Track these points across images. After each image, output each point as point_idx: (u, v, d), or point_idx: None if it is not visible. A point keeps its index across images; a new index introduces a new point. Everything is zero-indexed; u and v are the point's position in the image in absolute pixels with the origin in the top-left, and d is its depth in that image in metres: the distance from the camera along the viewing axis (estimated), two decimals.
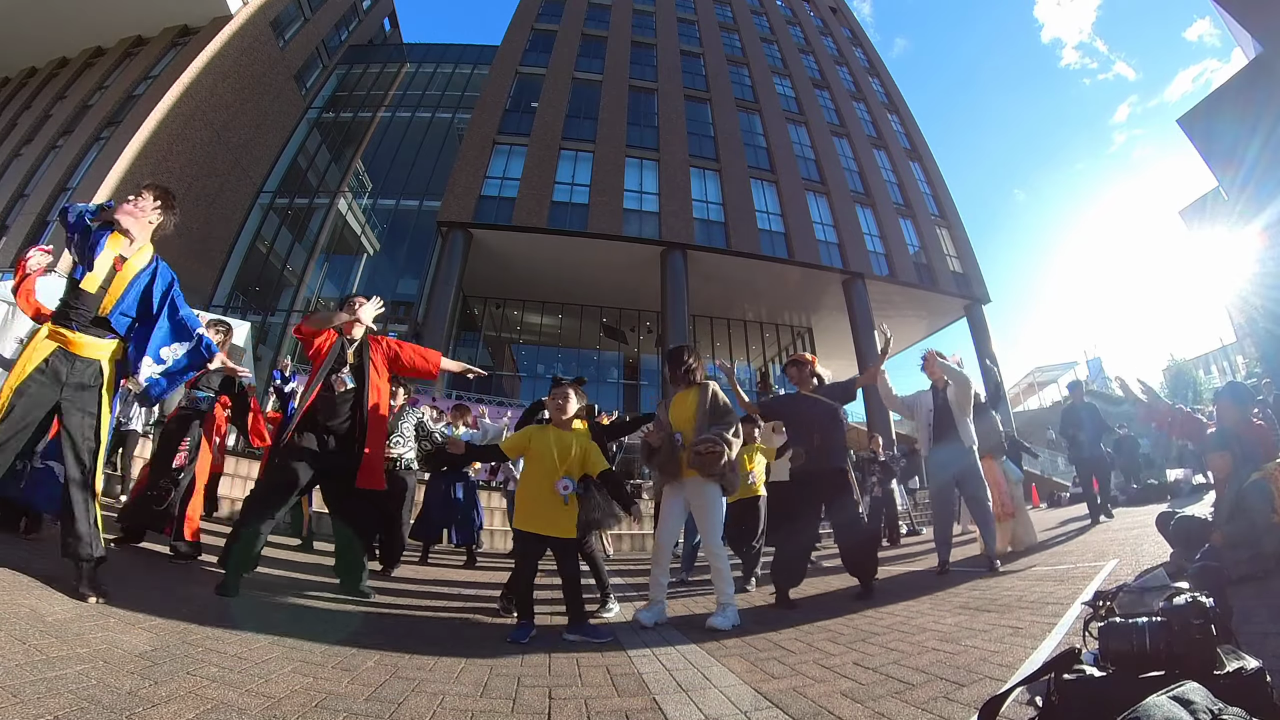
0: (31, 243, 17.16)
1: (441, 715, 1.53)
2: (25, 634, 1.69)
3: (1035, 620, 2.41)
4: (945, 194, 23.59)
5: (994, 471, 4.85)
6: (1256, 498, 2.65)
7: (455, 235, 16.55)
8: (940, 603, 3.04)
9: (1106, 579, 3.07)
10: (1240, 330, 24.36)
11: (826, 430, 3.42)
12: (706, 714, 1.61)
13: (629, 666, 2.11)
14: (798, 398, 3.60)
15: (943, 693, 1.66)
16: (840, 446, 3.48)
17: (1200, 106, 15.75)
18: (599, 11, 23.53)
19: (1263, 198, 13.72)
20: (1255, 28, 13.38)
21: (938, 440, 4.22)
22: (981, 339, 19.97)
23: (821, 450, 3.39)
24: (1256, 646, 1.61)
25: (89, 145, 18.93)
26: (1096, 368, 40.78)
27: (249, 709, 1.42)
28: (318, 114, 24.36)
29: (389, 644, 2.23)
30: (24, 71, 23.24)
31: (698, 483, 2.98)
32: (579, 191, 17.81)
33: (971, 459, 4.13)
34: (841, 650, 2.24)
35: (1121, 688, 1.19)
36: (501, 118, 19.22)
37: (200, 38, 20.26)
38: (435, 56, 26.06)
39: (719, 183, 19.08)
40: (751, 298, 20.66)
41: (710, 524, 2.99)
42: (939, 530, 4.26)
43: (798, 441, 3.53)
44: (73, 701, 1.31)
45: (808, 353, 3.80)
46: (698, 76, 22.12)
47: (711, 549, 2.96)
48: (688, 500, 3.05)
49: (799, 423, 3.57)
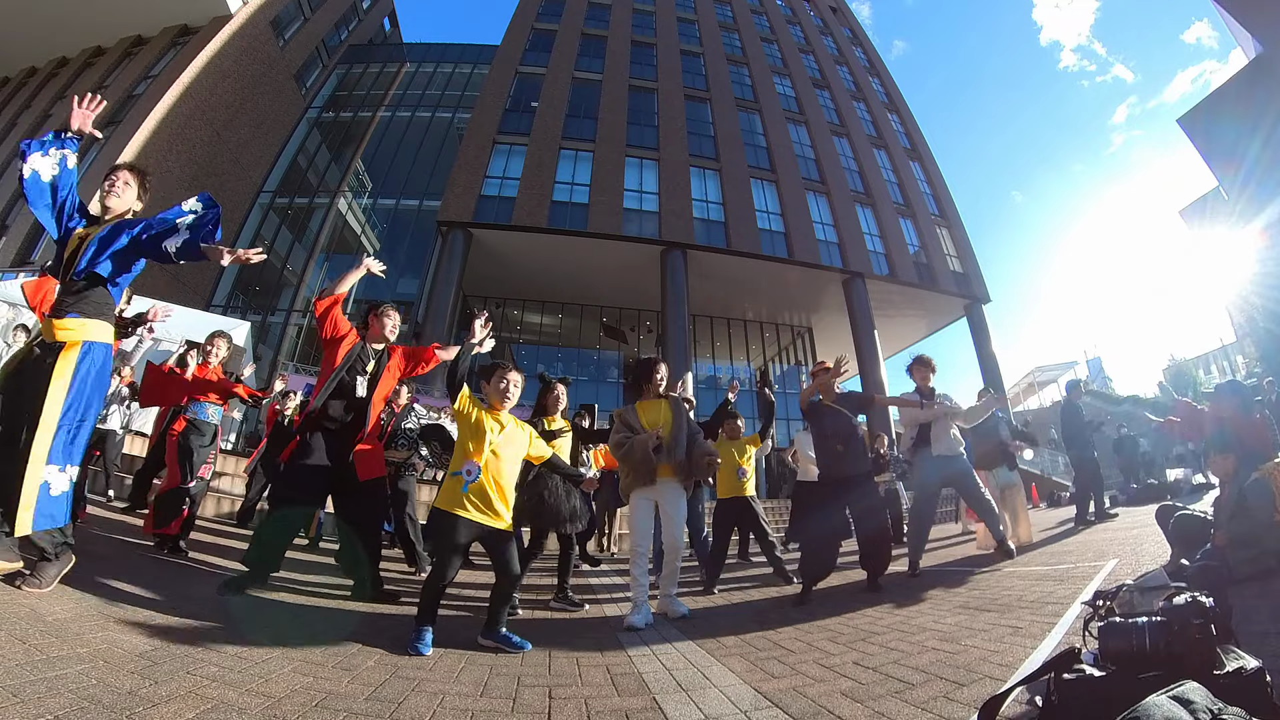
0: (31, 243, 17.19)
1: (441, 715, 1.53)
2: (25, 634, 1.69)
3: (1035, 620, 2.40)
4: (945, 193, 23.58)
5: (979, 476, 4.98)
6: (1258, 496, 2.65)
7: (455, 235, 16.55)
8: (940, 602, 3.04)
9: (1106, 579, 3.06)
10: (1240, 330, 24.36)
11: (847, 439, 3.61)
12: (706, 713, 1.61)
13: (629, 666, 2.11)
14: (821, 407, 3.75)
15: (943, 692, 1.66)
16: (860, 453, 3.67)
17: (1201, 106, 15.75)
18: (599, 11, 23.52)
19: (1263, 197, 13.71)
20: (1256, 27, 13.37)
21: (926, 445, 4.19)
22: (981, 338, 19.97)
23: (844, 457, 3.58)
24: (1256, 646, 1.61)
25: (89, 145, 18.89)
26: (1096, 367, 40.74)
27: (249, 708, 1.42)
28: (318, 113, 24.36)
29: (389, 643, 2.23)
30: (24, 71, 23.22)
31: (671, 485, 3.16)
32: (579, 191, 17.81)
33: (962, 463, 4.18)
34: (841, 650, 2.24)
35: (1121, 687, 1.19)
36: (501, 117, 19.22)
37: (200, 37, 20.24)
38: (435, 56, 26.05)
39: (719, 182, 19.08)
40: (751, 297, 20.66)
41: (680, 524, 3.19)
42: (916, 534, 4.19)
43: (823, 447, 3.71)
44: (73, 701, 1.31)
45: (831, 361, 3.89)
46: (698, 76, 22.11)
47: (676, 548, 3.19)
48: (658, 501, 3.19)
49: (823, 431, 3.73)
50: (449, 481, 2.41)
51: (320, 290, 3.38)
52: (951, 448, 4.14)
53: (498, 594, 2.39)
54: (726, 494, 4.36)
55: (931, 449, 4.12)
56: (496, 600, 2.38)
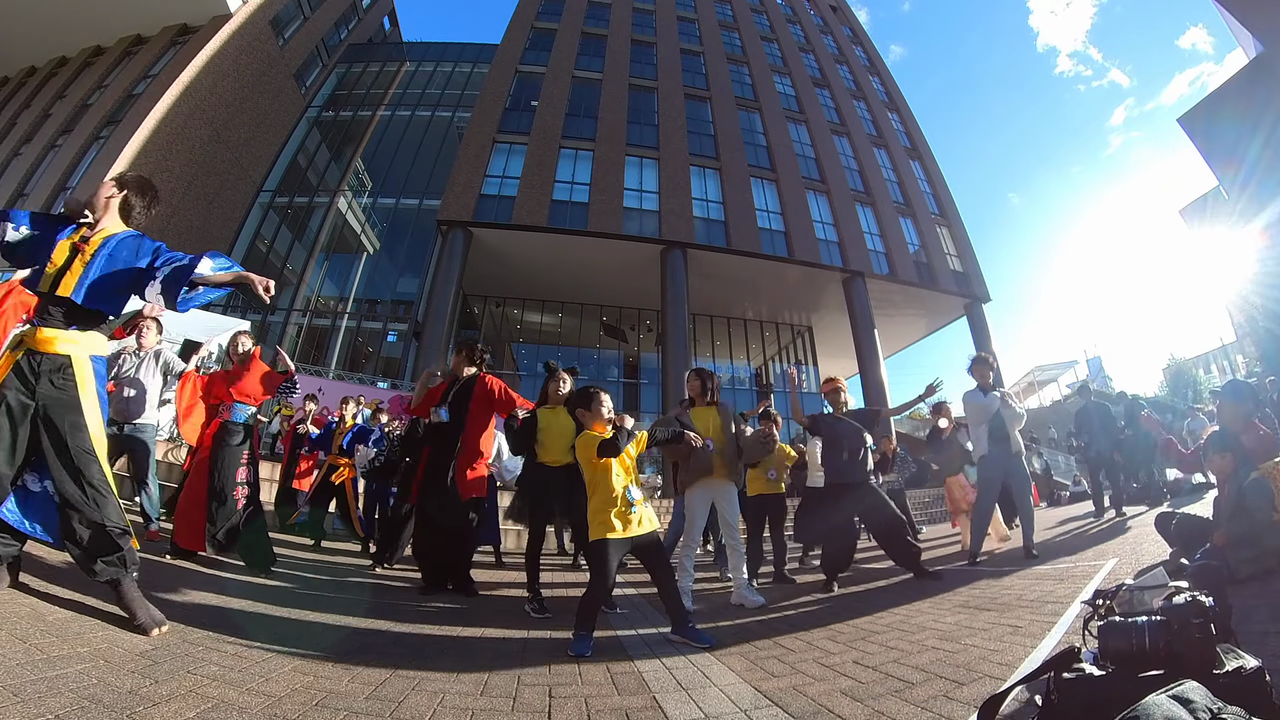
0: None
1: (442, 714, 1.53)
2: (26, 633, 1.69)
3: (1035, 619, 2.41)
4: (945, 192, 23.55)
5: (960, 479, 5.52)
6: (1257, 496, 2.65)
7: (455, 234, 16.54)
8: (940, 601, 3.04)
9: (1106, 578, 3.07)
10: (1240, 329, 24.36)
11: (855, 448, 3.93)
12: (706, 712, 1.61)
13: (629, 665, 2.10)
14: (832, 418, 4.12)
15: (942, 691, 1.66)
16: (864, 461, 3.98)
17: (1201, 106, 15.74)
18: (599, 10, 23.49)
19: (1263, 197, 13.70)
20: (1256, 27, 13.35)
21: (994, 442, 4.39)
22: (981, 338, 19.95)
23: (849, 464, 3.91)
24: (1256, 645, 1.61)
25: (88, 144, 18.90)
26: (1096, 367, 40.71)
27: (249, 708, 1.42)
28: (317, 113, 24.33)
29: (389, 642, 2.23)
30: (23, 71, 23.20)
31: (725, 483, 3.47)
32: (579, 190, 17.79)
33: (1019, 462, 4.40)
34: (841, 649, 2.24)
35: (1121, 686, 1.19)
36: (501, 116, 19.19)
37: (199, 36, 20.22)
38: (435, 55, 26.02)
39: (719, 181, 19.06)
40: (751, 296, 20.65)
41: (734, 518, 3.49)
42: (978, 523, 4.44)
43: (831, 455, 4.03)
44: (74, 700, 1.31)
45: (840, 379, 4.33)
46: (698, 75, 22.08)
47: (736, 536, 3.48)
48: (714, 497, 3.50)
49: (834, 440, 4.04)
50: (600, 512, 2.51)
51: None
52: (1017, 444, 4.36)
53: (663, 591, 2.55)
54: (757, 492, 4.57)
55: (1005, 444, 4.33)
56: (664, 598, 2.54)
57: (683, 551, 3.45)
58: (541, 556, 3.42)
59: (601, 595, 2.43)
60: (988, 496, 4.48)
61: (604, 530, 2.44)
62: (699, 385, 3.64)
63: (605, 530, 2.44)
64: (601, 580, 2.40)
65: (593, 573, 2.48)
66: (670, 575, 2.54)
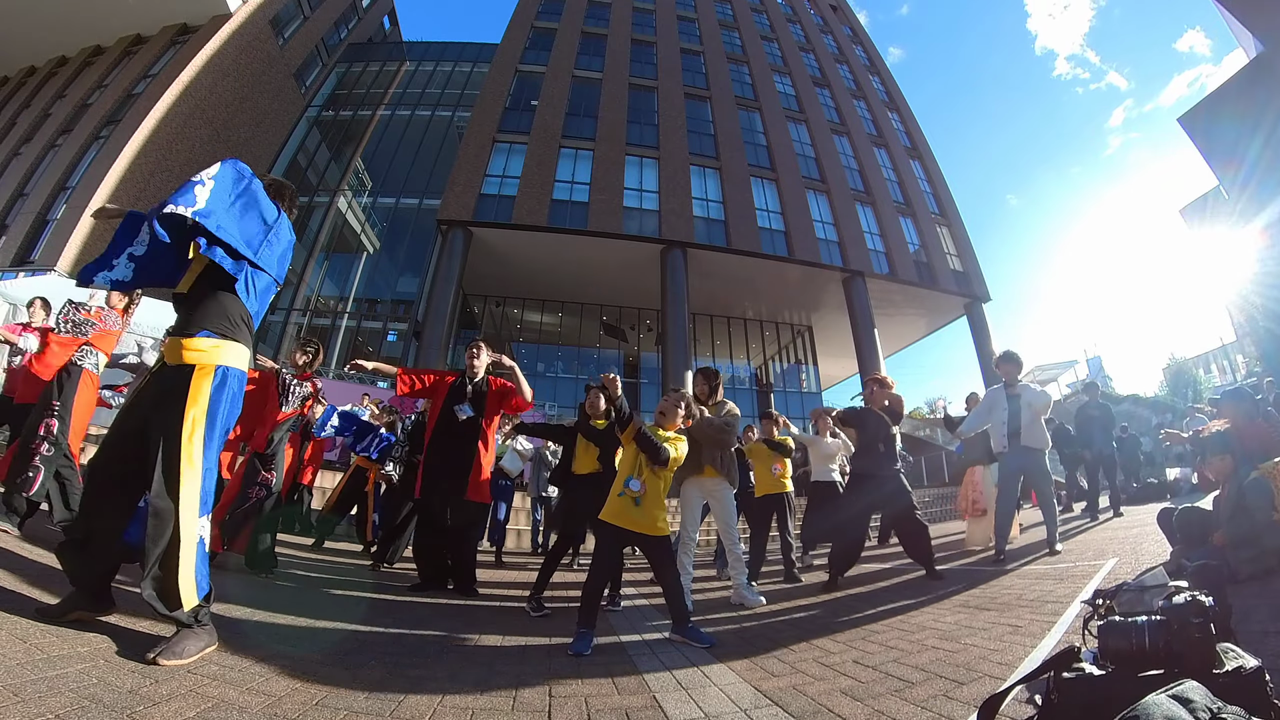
0: (31, 242, 17.17)
1: (442, 713, 1.53)
2: (26, 633, 1.69)
3: (1035, 619, 2.41)
4: (945, 192, 23.55)
5: (975, 474, 5.43)
6: (1256, 495, 2.65)
7: (455, 233, 16.54)
8: (940, 601, 3.04)
9: (1106, 578, 3.07)
10: (1240, 329, 24.34)
11: (887, 440, 3.96)
12: (706, 712, 1.61)
13: (629, 664, 2.11)
14: (868, 411, 4.13)
15: (942, 691, 1.66)
16: (895, 454, 4.00)
17: (1201, 105, 15.71)
18: (599, 9, 23.48)
19: (1263, 196, 13.69)
20: (1256, 26, 13.34)
21: (1012, 439, 4.37)
22: (981, 337, 19.95)
23: (885, 456, 3.93)
24: (1256, 645, 1.61)
25: (89, 144, 18.89)
26: (1096, 366, 40.72)
27: (250, 707, 1.42)
28: (317, 112, 24.32)
29: (390, 642, 2.23)
30: (23, 70, 23.19)
31: (718, 482, 3.42)
32: (579, 189, 17.79)
33: (1041, 458, 4.36)
34: (841, 648, 2.24)
35: (1121, 686, 1.19)
36: (501, 116, 19.19)
37: (199, 36, 20.22)
38: (435, 54, 26.01)
39: (719, 181, 19.06)
40: (751, 296, 20.65)
41: (730, 516, 3.48)
42: (1001, 522, 4.41)
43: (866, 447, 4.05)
44: (74, 700, 1.31)
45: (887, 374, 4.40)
46: (698, 74, 22.08)
47: (733, 537, 3.47)
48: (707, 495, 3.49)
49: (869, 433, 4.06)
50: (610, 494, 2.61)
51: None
52: (1037, 440, 4.30)
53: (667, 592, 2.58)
54: (764, 491, 4.59)
55: (1020, 439, 4.31)
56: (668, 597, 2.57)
57: (680, 551, 3.39)
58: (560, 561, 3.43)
59: (599, 581, 2.46)
60: (1008, 494, 4.42)
61: (606, 513, 2.54)
62: (705, 388, 3.58)
63: (607, 513, 2.53)
64: (598, 564, 2.49)
65: (593, 557, 2.58)
66: (674, 575, 2.55)
